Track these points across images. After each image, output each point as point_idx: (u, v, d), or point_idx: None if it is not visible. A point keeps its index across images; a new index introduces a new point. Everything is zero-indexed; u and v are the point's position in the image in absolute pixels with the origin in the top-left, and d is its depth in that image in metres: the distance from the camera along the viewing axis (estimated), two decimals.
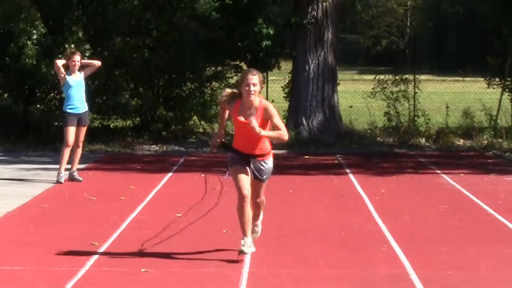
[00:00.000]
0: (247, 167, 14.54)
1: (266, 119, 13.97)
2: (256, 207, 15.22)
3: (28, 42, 35.26)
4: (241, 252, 14.46)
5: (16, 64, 35.34)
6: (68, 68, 24.91)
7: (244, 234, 14.58)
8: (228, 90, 14.41)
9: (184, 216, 12.76)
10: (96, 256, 16.03)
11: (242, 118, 13.33)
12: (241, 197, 14.49)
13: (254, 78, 13.25)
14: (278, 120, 14.20)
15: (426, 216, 20.82)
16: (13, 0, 35.32)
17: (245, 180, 14.38)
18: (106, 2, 36.59)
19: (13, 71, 35.55)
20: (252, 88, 13.03)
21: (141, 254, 15.84)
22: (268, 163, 14.79)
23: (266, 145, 14.27)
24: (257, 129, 13.61)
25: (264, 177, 14.83)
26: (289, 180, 13.88)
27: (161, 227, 17.34)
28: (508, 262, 16.08)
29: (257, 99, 13.69)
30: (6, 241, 17.86)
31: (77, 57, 25.15)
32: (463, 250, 17.16)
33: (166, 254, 15.37)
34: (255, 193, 14.89)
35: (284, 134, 14.32)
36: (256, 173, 14.68)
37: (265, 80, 39.16)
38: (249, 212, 14.66)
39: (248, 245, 14.53)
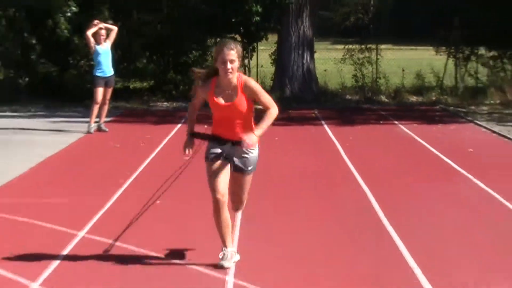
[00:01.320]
0: (227, 164, 10.63)
1: (250, 97, 10.41)
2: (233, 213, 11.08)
3: (62, 19, 35.33)
4: (221, 266, 10.52)
5: (53, 37, 35.43)
6: (97, 39, 25.20)
7: (224, 244, 10.65)
8: (199, 71, 10.83)
9: (191, 158, 12.92)
10: (121, 190, 16.36)
11: (221, 100, 10.13)
12: (215, 201, 10.53)
13: (232, 53, 9.90)
14: (264, 97, 10.56)
15: (386, 158, 21.06)
16: None
17: (222, 181, 10.51)
18: None
19: (50, 43, 35.60)
20: (229, 65, 9.87)
21: (158, 188, 16.15)
22: (254, 152, 10.71)
23: (252, 128, 10.35)
24: (254, 141, 10.25)
25: (249, 168, 10.70)
26: (275, 130, 14.08)
27: (173, 167, 17.54)
28: (451, 190, 16.46)
29: (235, 76, 10.17)
30: (48, 180, 18.12)
31: (103, 31, 25.39)
32: (417, 184, 17.51)
33: (178, 188, 15.59)
34: (236, 190, 10.87)
35: (274, 112, 10.57)
36: (239, 164, 10.64)
37: (255, 50, 39.46)
38: (226, 217, 10.67)
39: (228, 258, 10.62)
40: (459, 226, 13.57)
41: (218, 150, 10.62)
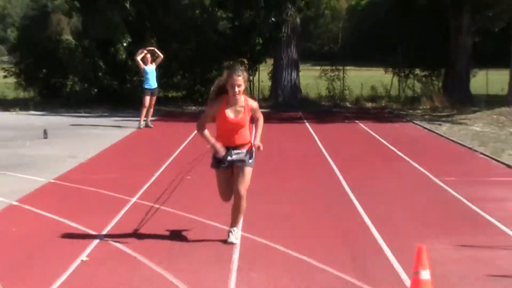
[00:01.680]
0: (228, 172, 9.68)
1: (252, 112, 9.63)
2: (236, 206, 9.69)
3: (120, 47, 35.31)
4: (230, 243, 9.59)
5: (114, 60, 35.42)
6: (145, 61, 25.21)
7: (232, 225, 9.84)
8: (221, 78, 9.64)
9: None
10: (162, 168, 16.34)
11: (231, 115, 9.30)
12: (224, 201, 10.13)
13: (239, 79, 9.19)
14: (259, 111, 9.88)
15: (349, 146, 21.03)
16: (113, 22, 35.20)
17: (227, 188, 9.81)
18: (167, 27, 36.65)
19: (112, 64, 35.54)
20: (236, 89, 9.17)
21: (188, 167, 16.14)
22: (249, 150, 9.67)
23: (247, 136, 9.64)
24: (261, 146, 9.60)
25: (249, 161, 9.59)
26: (270, 126, 13.94)
27: (199, 153, 17.49)
28: (396, 169, 16.44)
29: (242, 97, 9.38)
30: (110, 160, 18.17)
31: (148, 55, 25.34)
32: (371, 164, 17.48)
33: (202, 168, 15.53)
34: (238, 182, 9.59)
35: (262, 120, 9.94)
36: (238, 162, 9.57)
37: (257, 69, 39.39)
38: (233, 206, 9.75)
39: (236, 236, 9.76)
40: (402, 194, 13.57)
41: (222, 160, 9.48)
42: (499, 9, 28.38)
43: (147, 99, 25.20)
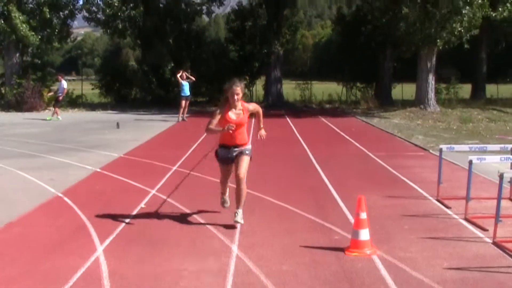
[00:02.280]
0: (231, 166, 8.15)
1: (252, 113, 8.42)
2: (238, 190, 7.94)
3: (166, 69, 35.26)
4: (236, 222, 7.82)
5: (162, 78, 35.38)
6: (182, 77, 25.19)
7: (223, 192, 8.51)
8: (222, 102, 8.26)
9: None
10: (192, 148, 16.26)
11: (233, 117, 8.03)
12: (220, 181, 8.37)
13: (238, 89, 8.02)
14: (256, 107, 8.53)
15: (314, 133, 20.92)
16: (162, 53, 35.13)
17: (225, 174, 8.26)
18: (197, 56, 36.66)
19: (161, 81, 35.48)
20: (235, 97, 7.97)
21: (209, 145, 16.09)
22: (247, 147, 8.15)
23: (245, 137, 8.22)
24: (264, 132, 8.72)
25: (246, 152, 8.11)
26: (263, 120, 14.14)
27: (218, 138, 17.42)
28: (344, 148, 16.38)
29: (239, 102, 8.10)
30: (159, 143, 18.09)
31: (184, 74, 25.33)
32: (328, 144, 17.39)
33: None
34: (238, 167, 7.96)
35: (261, 113, 8.64)
36: (238, 154, 8.03)
37: (255, 83, 39.38)
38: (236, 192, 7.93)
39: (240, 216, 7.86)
40: (349, 163, 13.53)
41: (224, 155, 8.12)
42: (407, 46, 28.93)
43: (183, 102, 25.13)
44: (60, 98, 27.73)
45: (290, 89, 42.71)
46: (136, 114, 29.95)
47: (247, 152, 8.09)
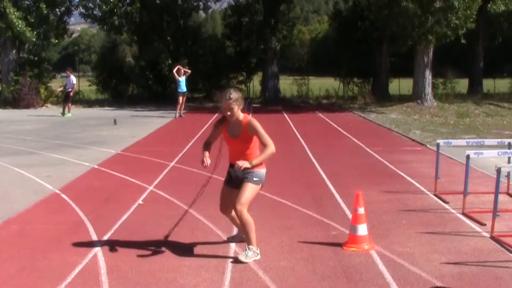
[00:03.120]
0: (229, 189, 6.61)
1: (251, 134, 6.57)
2: (240, 223, 6.48)
3: (163, 65, 35.23)
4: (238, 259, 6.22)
5: (159, 74, 35.38)
6: (179, 74, 25.15)
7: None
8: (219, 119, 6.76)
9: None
10: (190, 144, 16.24)
11: (229, 134, 6.63)
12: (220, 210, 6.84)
13: (230, 102, 6.36)
14: (263, 136, 6.66)
15: (312, 128, 20.91)
16: (159, 49, 35.18)
17: (223, 199, 6.75)
18: (194, 51, 36.61)
19: (160, 76, 35.47)
20: (228, 112, 6.39)
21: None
22: (255, 171, 6.48)
23: (253, 156, 6.54)
24: (246, 165, 6.26)
25: (252, 178, 6.43)
26: (260, 116, 13.91)
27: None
28: (342, 142, 16.38)
29: (241, 116, 6.53)
30: (156, 139, 18.07)
31: (181, 70, 25.30)
32: (326, 140, 17.40)
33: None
34: (237, 195, 6.35)
35: (270, 151, 6.69)
36: (241, 179, 6.44)
37: (252, 79, 39.42)
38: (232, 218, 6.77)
39: (248, 255, 6.24)
40: (346, 158, 13.54)
41: (228, 174, 6.73)
42: (403, 41, 28.93)
43: (180, 98, 25.09)
44: (71, 93, 27.59)
45: (287, 85, 42.75)
46: (133, 110, 29.93)
47: (254, 178, 6.46)
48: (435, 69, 32.31)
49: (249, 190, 6.41)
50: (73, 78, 27.52)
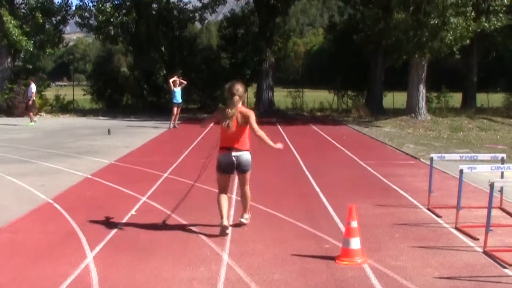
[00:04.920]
0: (228, 176, 8.06)
1: (244, 119, 8.13)
2: (243, 198, 8.33)
3: (158, 75, 35.22)
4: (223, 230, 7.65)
5: (155, 84, 35.36)
6: (174, 85, 25.08)
7: (221, 217, 7.74)
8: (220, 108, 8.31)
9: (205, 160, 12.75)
10: (184, 155, 16.22)
11: (226, 122, 7.92)
12: (219, 192, 8.01)
13: (237, 88, 7.96)
14: (253, 122, 8.36)
15: (306, 140, 20.87)
16: (154, 59, 35.21)
17: (223, 184, 8.03)
18: (190, 62, 36.61)
19: (154, 87, 35.43)
20: (235, 98, 7.91)
21: (201, 152, 16.01)
22: (246, 156, 8.27)
23: (246, 142, 8.37)
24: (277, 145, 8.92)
25: (246, 169, 8.14)
26: None
27: (209, 144, 17.43)
28: (335, 155, 16.39)
29: (238, 105, 8.02)
30: (150, 149, 18.01)
31: (177, 81, 25.21)
32: (320, 152, 17.40)
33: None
34: (242, 183, 8.24)
35: (261, 134, 8.62)
36: (239, 168, 8.08)
37: (246, 91, 39.38)
38: (224, 201, 7.90)
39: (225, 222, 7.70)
40: (340, 171, 13.53)
41: (224, 160, 7.99)
42: (398, 54, 29.02)
43: (175, 109, 25.00)
44: (30, 102, 27.40)
45: (281, 97, 42.77)
46: (128, 120, 29.90)
47: (245, 168, 8.15)
48: (429, 82, 32.45)
49: (249, 175, 8.29)
50: (32, 87, 27.27)
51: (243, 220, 8.30)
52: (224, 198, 8.01)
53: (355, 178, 12.75)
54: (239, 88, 8.04)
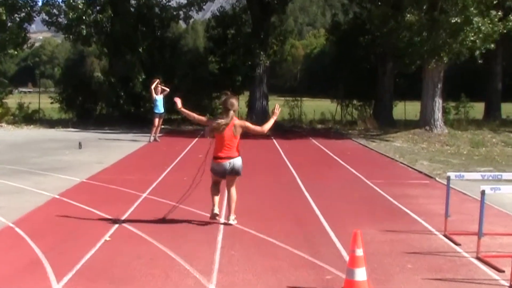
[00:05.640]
0: (221, 177, 10.11)
1: (239, 129, 9.98)
2: (230, 199, 10.17)
3: (136, 81, 35.20)
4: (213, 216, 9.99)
5: (132, 91, 35.34)
6: (156, 92, 25.04)
7: (213, 205, 9.93)
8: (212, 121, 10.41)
9: (203, 156, 12.66)
10: (166, 172, 16.22)
11: (221, 132, 9.95)
12: (212, 185, 10.02)
13: (232, 101, 10.06)
14: (251, 125, 10.31)
15: (304, 155, 20.94)
16: (131, 63, 35.14)
17: (217, 181, 10.13)
18: (172, 66, 36.61)
19: (131, 94, 35.42)
20: (231, 112, 10.00)
21: (185, 169, 16.02)
22: (239, 161, 9.98)
23: (238, 149, 10.09)
24: (278, 110, 10.80)
25: (238, 174, 9.98)
26: (245, 142, 13.95)
27: (194, 160, 17.44)
28: (338, 173, 16.41)
29: (231, 117, 9.99)
30: (127, 165, 18.01)
31: (159, 87, 25.17)
32: (320, 169, 17.42)
33: (196, 171, 15.49)
34: (230, 184, 10.10)
35: (262, 129, 10.28)
36: (233, 172, 9.92)
37: (237, 99, 39.46)
38: (216, 190, 10.11)
39: (216, 210, 9.95)
40: (343, 192, 13.55)
41: (218, 169, 9.97)
42: (410, 58, 28.84)
43: (156, 120, 24.96)
44: None
45: None
46: (102, 132, 29.87)
47: (238, 170, 10.01)
48: (447, 91, 32.49)
49: (236, 180, 10.18)
50: None
51: (231, 222, 9.99)
52: (216, 187, 10.16)
53: (360, 199, 12.76)
54: (234, 102, 10.06)
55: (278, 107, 10.81)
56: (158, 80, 25.61)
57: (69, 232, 9.45)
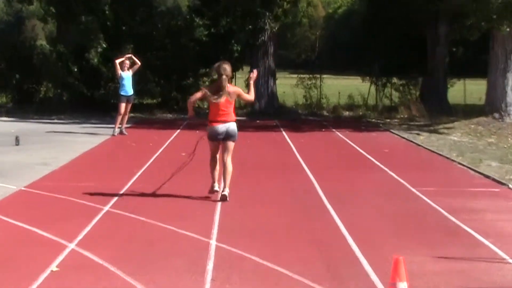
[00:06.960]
0: (218, 143, 13.17)
1: (233, 95, 13.09)
2: (225, 171, 13.03)
3: (95, 53, 35.25)
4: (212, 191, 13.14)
5: (88, 66, 35.35)
6: (122, 67, 24.97)
7: (213, 181, 13.13)
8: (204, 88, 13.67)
9: (186, 154, 12.49)
10: (136, 177, 16.24)
11: (216, 97, 12.81)
12: (211, 158, 13.27)
13: (225, 67, 12.79)
14: (245, 94, 13.50)
15: (325, 154, 21.05)
16: (88, 27, 35.19)
17: (215, 150, 13.24)
18: (144, 33, 36.60)
19: (86, 70, 35.44)
20: (223, 77, 12.78)
21: (162, 174, 16.04)
22: (233, 126, 12.94)
23: (233, 114, 13.08)
24: (255, 76, 13.46)
25: (233, 139, 13.03)
26: (246, 134, 13.83)
27: (174, 160, 17.43)
28: (372, 178, 16.41)
29: (226, 84, 12.92)
30: (82, 168, 18.06)
31: (127, 62, 25.16)
32: (347, 173, 17.45)
33: (176, 180, 15.45)
34: (226, 151, 13.09)
35: (252, 98, 13.68)
36: (227, 137, 12.97)
37: (234, 77, 39.50)
38: (215, 164, 13.29)
39: (215, 188, 13.09)
40: (379, 204, 13.54)
41: (214, 132, 13.04)
42: (475, 18, 28.30)
43: (123, 106, 24.97)
44: None
45: (288, 87, 42.76)
46: (47, 123, 29.95)
47: (232, 137, 13.01)
48: None
49: (232, 146, 13.19)
50: None
51: (226, 193, 12.84)
52: (214, 160, 13.34)
53: (402, 214, 12.77)
54: (226, 67, 12.79)
55: (255, 72, 13.67)
56: (129, 56, 25.61)
57: (3, 259, 9.43)
